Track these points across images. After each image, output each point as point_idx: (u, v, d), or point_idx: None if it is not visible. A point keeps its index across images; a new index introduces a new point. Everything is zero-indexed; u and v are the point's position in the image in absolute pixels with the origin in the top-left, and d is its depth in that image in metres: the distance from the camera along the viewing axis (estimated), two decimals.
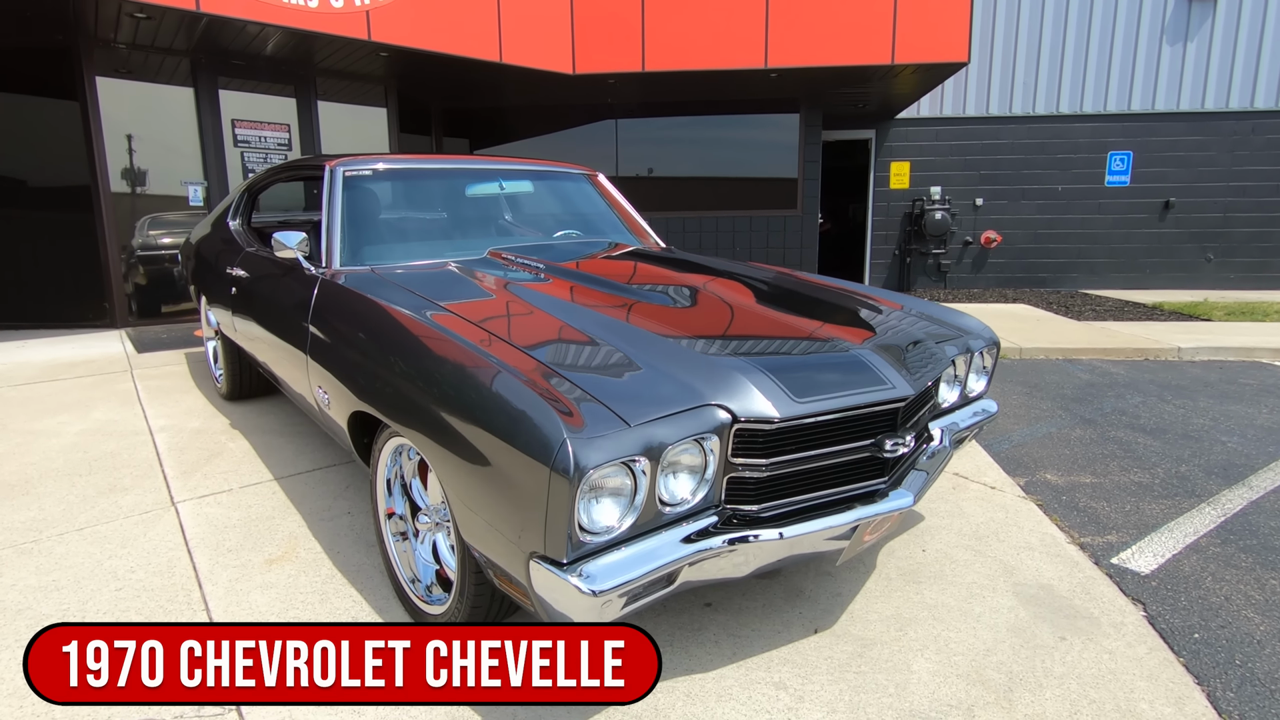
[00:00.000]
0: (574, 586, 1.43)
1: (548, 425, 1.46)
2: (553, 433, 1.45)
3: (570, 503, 1.42)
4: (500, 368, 1.68)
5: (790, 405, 1.71)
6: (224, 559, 2.55)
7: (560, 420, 1.47)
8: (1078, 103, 10.38)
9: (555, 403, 1.53)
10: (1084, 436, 4.06)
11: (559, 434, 1.44)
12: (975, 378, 2.64)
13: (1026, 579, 2.49)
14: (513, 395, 1.59)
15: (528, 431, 1.49)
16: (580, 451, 1.42)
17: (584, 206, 3.71)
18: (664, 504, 1.63)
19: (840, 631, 2.17)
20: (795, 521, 1.75)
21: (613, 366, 1.77)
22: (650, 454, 1.53)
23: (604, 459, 1.44)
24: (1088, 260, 10.77)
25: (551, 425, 1.46)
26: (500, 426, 1.55)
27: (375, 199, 3.03)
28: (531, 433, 1.48)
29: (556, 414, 1.48)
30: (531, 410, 1.52)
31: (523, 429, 1.50)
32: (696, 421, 1.63)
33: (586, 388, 1.63)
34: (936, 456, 2.22)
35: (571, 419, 1.49)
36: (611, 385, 1.67)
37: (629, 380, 1.71)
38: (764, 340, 1.99)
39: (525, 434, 1.49)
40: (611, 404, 1.58)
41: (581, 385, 1.64)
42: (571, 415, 1.50)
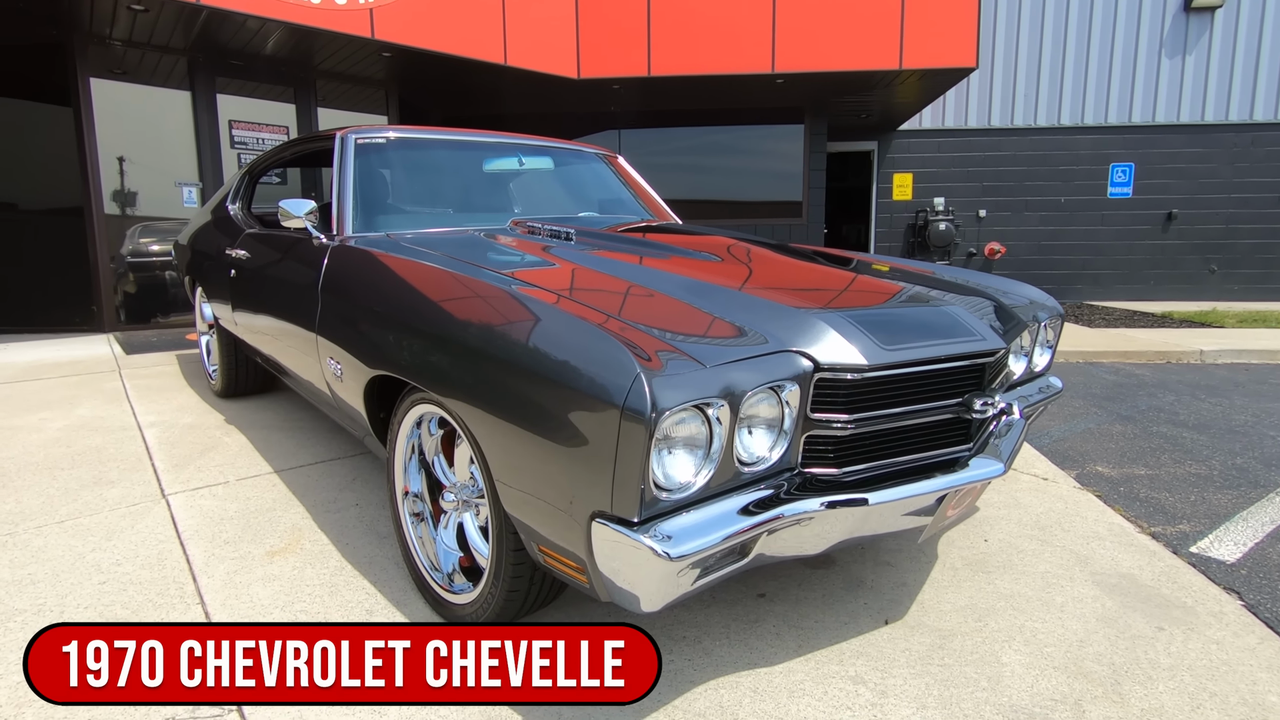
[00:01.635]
0: (649, 549, 1.21)
1: (618, 361, 1.26)
2: (625, 367, 1.24)
3: (645, 450, 1.20)
4: (552, 307, 1.47)
5: (878, 353, 1.51)
6: (221, 551, 2.31)
7: (633, 356, 1.26)
8: (1079, 114, 10.40)
9: (624, 340, 1.32)
10: (1126, 432, 3.88)
11: (631, 368, 1.23)
12: (1040, 351, 2.45)
13: (1103, 568, 2.28)
14: (572, 332, 1.38)
15: (593, 370, 1.28)
16: (657, 389, 1.21)
17: (605, 187, 3.53)
18: (741, 461, 1.42)
19: (913, 622, 1.95)
20: (885, 487, 1.54)
21: (676, 314, 1.57)
22: (729, 399, 1.32)
23: (681, 400, 1.24)
24: (1092, 272, 10.71)
25: (622, 361, 1.25)
26: (556, 368, 1.34)
27: (389, 167, 2.84)
28: (598, 371, 1.27)
29: (628, 349, 1.28)
30: (596, 346, 1.31)
31: (586, 368, 1.29)
32: (776, 367, 1.42)
33: (651, 331, 1.43)
34: (1013, 430, 2.02)
35: (648, 361, 1.28)
36: (679, 330, 1.46)
37: (697, 326, 1.51)
38: (838, 293, 1.79)
39: (590, 373, 1.28)
40: (682, 346, 1.38)
41: (645, 329, 1.43)
42: (648, 358, 1.29)
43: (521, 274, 1.83)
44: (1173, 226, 10.53)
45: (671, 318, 1.55)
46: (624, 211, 3.43)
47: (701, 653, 1.80)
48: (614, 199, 3.51)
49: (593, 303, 1.59)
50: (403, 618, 1.94)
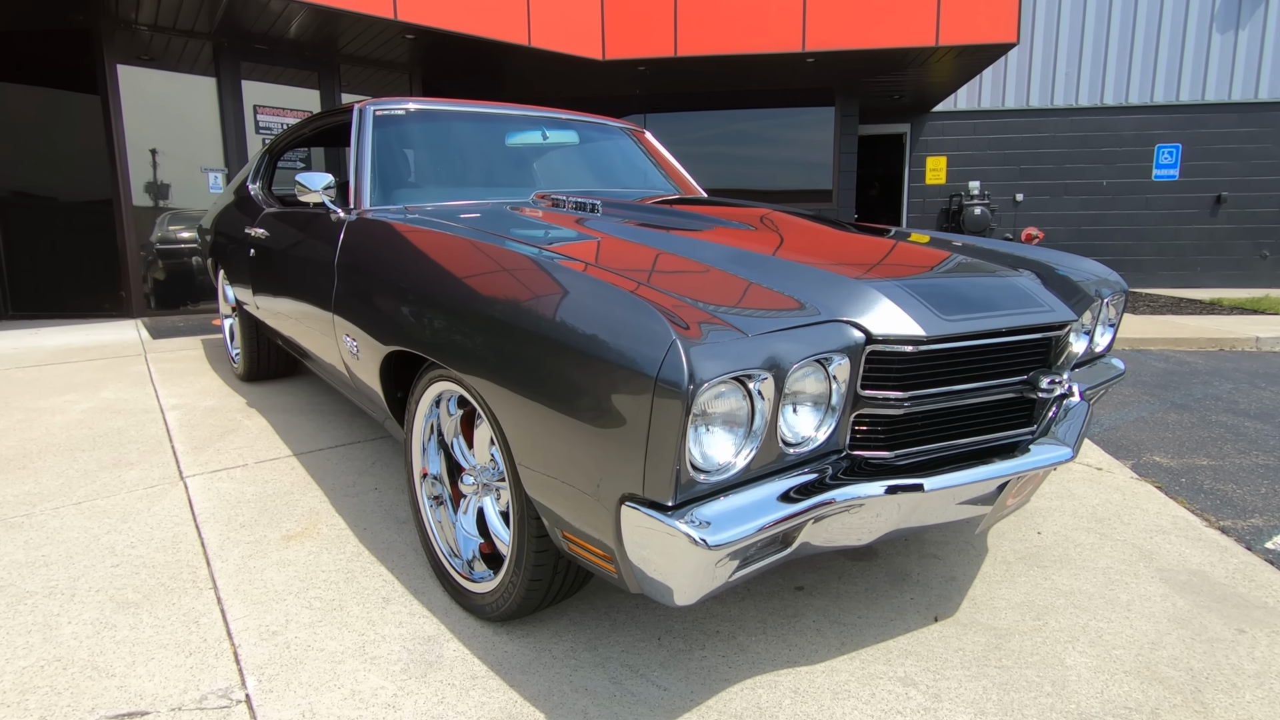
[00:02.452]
0: (685, 535, 1.09)
1: (651, 329, 1.13)
2: (659, 336, 1.11)
3: (681, 426, 1.08)
4: (579, 274, 1.35)
5: (938, 323, 1.37)
6: (236, 535, 2.24)
7: (669, 323, 1.13)
8: (1123, 94, 9.99)
9: (665, 310, 1.20)
10: (1182, 421, 3.66)
11: (666, 336, 1.10)
12: (1101, 330, 2.27)
13: (1170, 564, 2.11)
14: (600, 299, 1.26)
15: (624, 339, 1.16)
16: (695, 359, 1.08)
17: (632, 163, 3.40)
18: (785, 442, 1.29)
19: (966, 620, 1.80)
20: (940, 472, 1.40)
21: (713, 282, 1.44)
22: (773, 371, 1.19)
23: (721, 371, 1.11)
24: (1134, 258, 10.32)
25: (656, 329, 1.13)
26: (583, 339, 1.22)
27: (409, 139, 2.73)
28: (629, 340, 1.15)
29: (664, 316, 1.15)
30: (628, 313, 1.19)
31: (616, 337, 1.17)
32: (824, 338, 1.29)
33: (698, 300, 1.30)
34: (1077, 413, 1.85)
35: (685, 330, 1.15)
36: (716, 299, 1.33)
37: (737, 295, 1.38)
38: (893, 263, 1.64)
39: (620, 343, 1.16)
40: (722, 315, 1.25)
41: (693, 299, 1.31)
42: (686, 326, 1.16)
43: (546, 244, 1.71)
44: (1222, 210, 10.09)
45: (708, 286, 1.42)
46: (652, 187, 3.30)
47: (737, 649, 1.68)
48: (641, 175, 3.38)
49: (624, 271, 1.46)
50: (420, 606, 1.85)
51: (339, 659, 1.64)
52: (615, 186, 3.24)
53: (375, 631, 1.74)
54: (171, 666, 1.61)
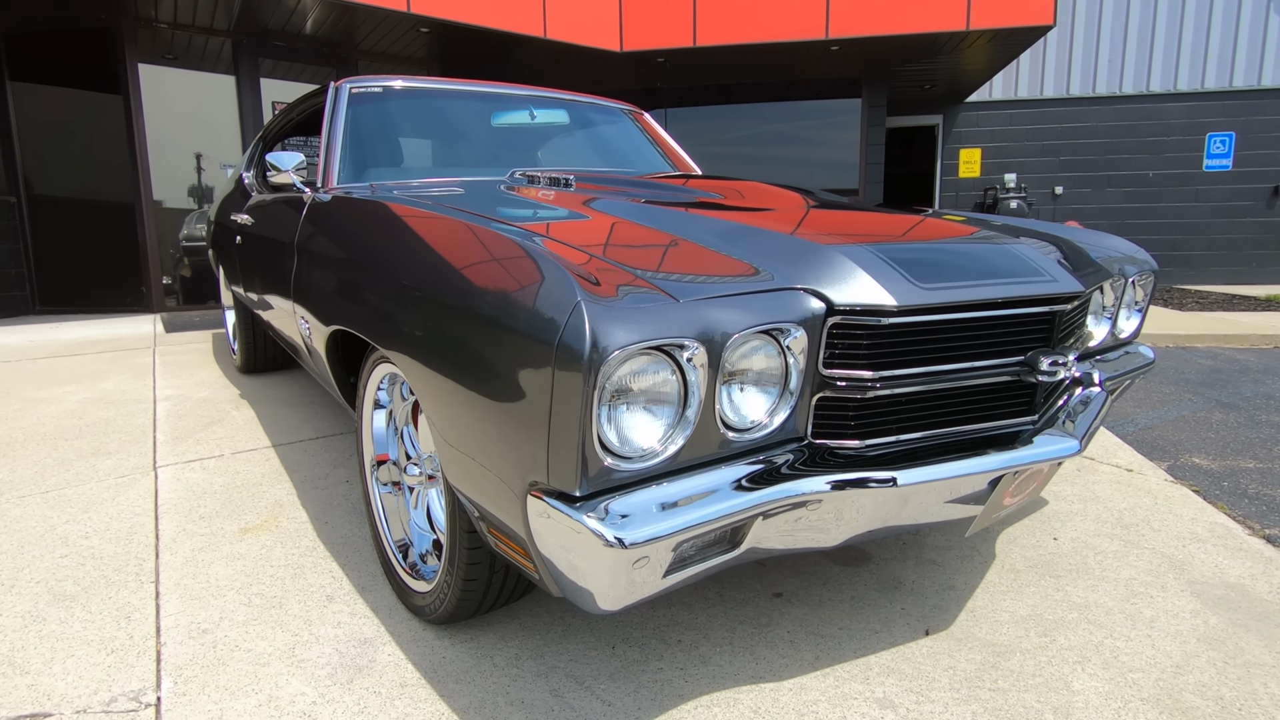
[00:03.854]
0: (591, 532, 0.93)
1: (555, 290, 0.98)
2: (561, 297, 0.96)
3: (586, 402, 0.92)
4: (500, 231, 1.20)
5: (912, 292, 1.18)
6: (193, 526, 2.14)
7: (575, 282, 0.98)
8: (1171, 80, 9.49)
9: (575, 268, 1.04)
10: (1228, 420, 3.36)
11: (569, 298, 0.95)
12: (1126, 314, 2.04)
13: (1204, 576, 1.87)
14: (509, 257, 1.11)
15: (527, 301, 1.01)
16: (600, 322, 0.92)
17: (628, 144, 3.24)
18: (728, 426, 1.12)
19: (961, 634, 1.61)
20: (916, 465, 1.21)
21: (669, 247, 1.28)
22: (707, 344, 1.02)
23: (635, 339, 0.95)
24: (1183, 253, 9.80)
25: (559, 290, 0.97)
26: (490, 303, 1.07)
27: (384, 119, 2.62)
28: (532, 302, 1.00)
29: (572, 275, 0.99)
30: (534, 273, 1.04)
31: (520, 300, 1.02)
32: (775, 307, 1.12)
33: (629, 264, 1.14)
34: (1093, 403, 1.64)
35: (596, 287, 0.99)
36: (660, 265, 1.17)
37: (686, 260, 1.21)
38: (876, 230, 1.46)
39: (523, 306, 1.01)
40: (659, 280, 1.09)
41: (623, 263, 1.15)
42: (597, 284, 1.01)
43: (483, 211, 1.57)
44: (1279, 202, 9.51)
45: (656, 251, 1.26)
46: (648, 167, 3.14)
47: (698, 661, 1.51)
48: (638, 155, 3.22)
49: (563, 234, 1.31)
50: (364, 605, 1.72)
51: (265, 661, 1.52)
52: (610, 166, 3.09)
53: (310, 632, 1.62)
54: (89, 665, 1.51)
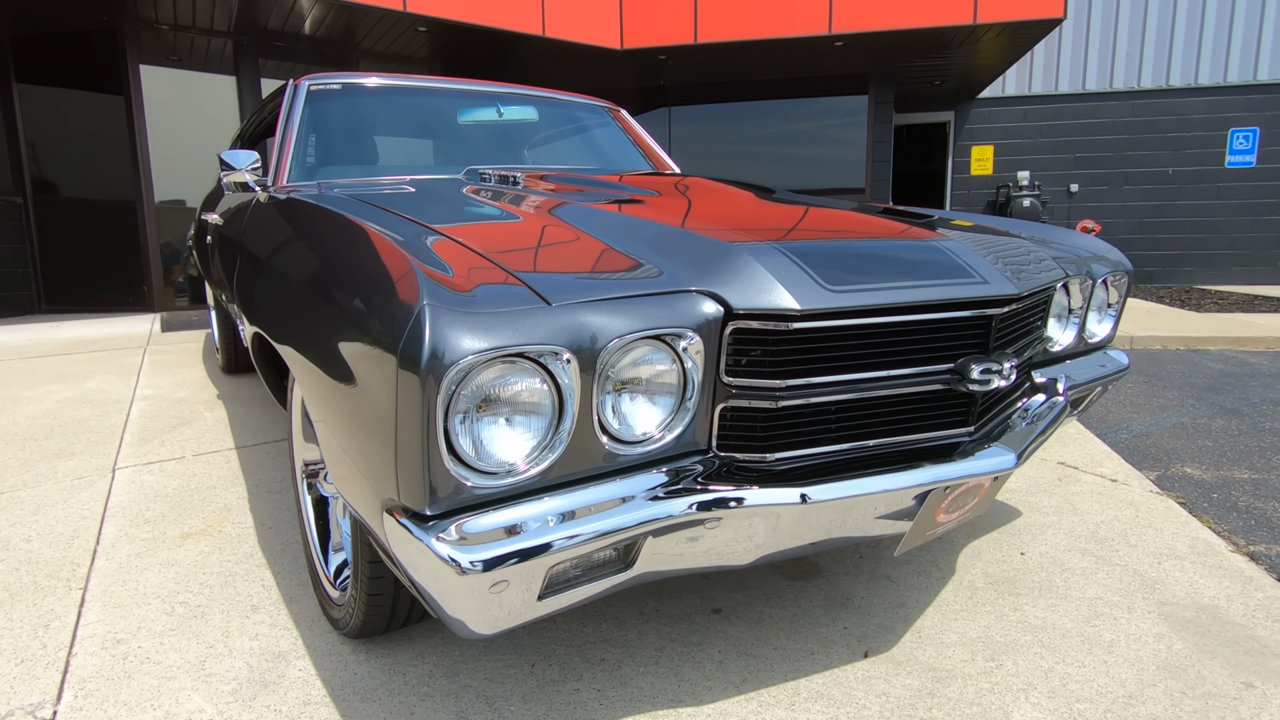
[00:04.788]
0: (434, 554, 0.86)
1: (406, 292, 0.91)
2: (408, 301, 0.89)
3: (426, 413, 0.86)
4: (374, 230, 1.14)
5: (819, 294, 1.10)
6: (136, 530, 2.11)
7: (427, 285, 0.91)
8: (1192, 74, 9.21)
9: (432, 266, 0.98)
10: (1229, 428, 3.21)
11: (414, 300, 0.88)
12: (1097, 317, 1.94)
13: (1176, 596, 1.76)
14: (377, 259, 1.04)
15: (379, 303, 0.94)
16: (446, 329, 0.85)
17: (604, 142, 3.18)
18: (614, 439, 1.05)
19: (902, 657, 1.52)
20: (825, 480, 1.13)
21: (569, 246, 1.21)
22: (580, 351, 0.95)
23: (487, 346, 0.88)
24: (1204, 252, 9.51)
25: (410, 292, 0.91)
26: (354, 303, 1.01)
27: (343, 117, 2.58)
28: (384, 305, 0.93)
29: (424, 278, 0.93)
30: (391, 273, 0.97)
31: (375, 302, 0.96)
32: (666, 311, 1.04)
33: (507, 264, 1.08)
34: (1047, 413, 1.54)
35: (457, 291, 0.93)
36: (557, 264, 1.10)
37: (586, 260, 1.14)
38: (799, 228, 1.37)
39: (377, 308, 0.94)
40: (535, 282, 1.01)
41: (502, 263, 1.08)
42: (461, 287, 0.94)
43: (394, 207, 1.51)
44: None
45: (556, 251, 1.19)
46: (622, 167, 3.07)
47: (618, 682, 1.44)
48: (612, 153, 3.15)
49: (455, 231, 1.24)
50: (286, 616, 1.67)
51: (171, 675, 1.47)
52: (580, 165, 3.03)
53: (225, 644, 1.57)
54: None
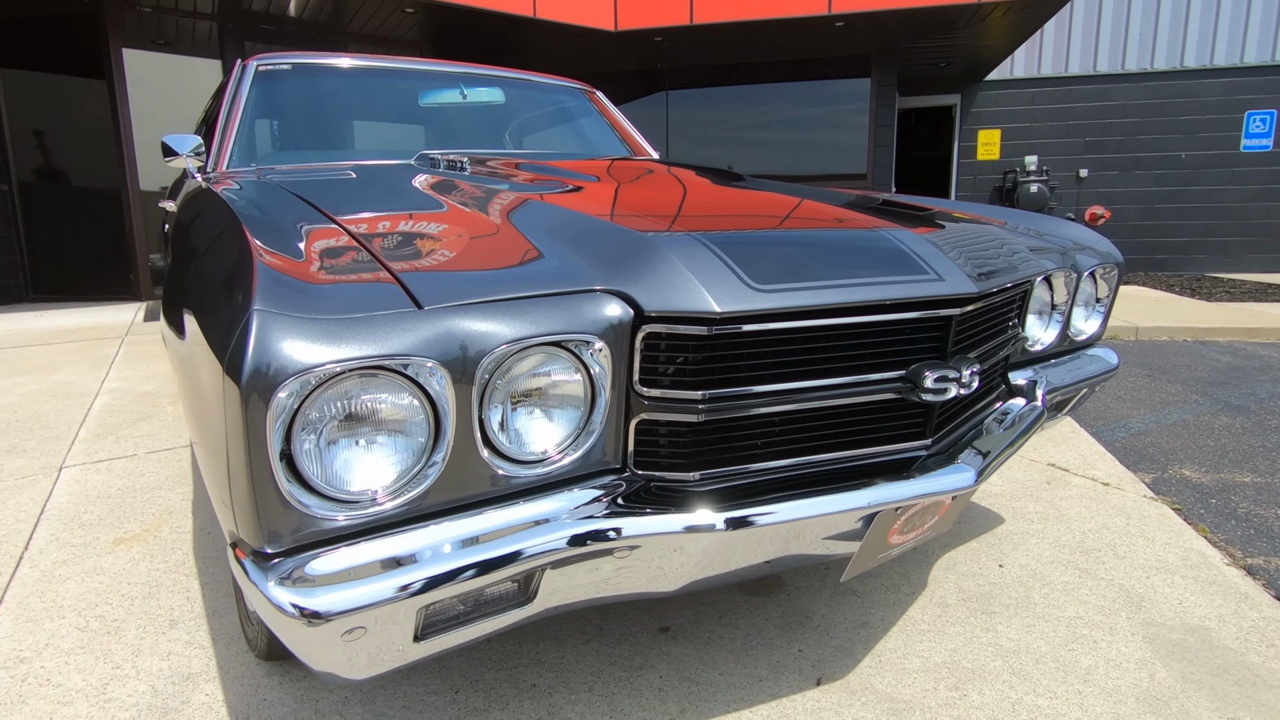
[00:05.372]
0: (266, 599, 0.74)
1: (240, 293, 0.79)
2: (240, 304, 0.77)
3: (250, 436, 0.73)
4: (247, 224, 1.02)
5: (743, 294, 0.97)
6: (68, 535, 2.01)
7: (265, 284, 0.79)
8: (1207, 55, 8.91)
9: (294, 264, 0.85)
10: (1233, 426, 3.06)
11: (245, 306, 0.76)
12: (1084, 313, 1.79)
13: (1164, 615, 1.63)
14: (229, 254, 0.92)
15: (219, 307, 0.82)
16: (273, 339, 0.73)
17: (575, 126, 3.03)
18: (507, 459, 0.92)
19: (858, 685, 1.39)
20: (754, 501, 1.00)
21: (466, 239, 1.08)
22: (453, 362, 0.83)
23: (335, 358, 0.75)
24: (1217, 239, 9.26)
25: (244, 293, 0.78)
26: (200, 307, 0.89)
27: (292, 99, 2.45)
28: (221, 308, 0.81)
29: (264, 275, 0.81)
30: (234, 272, 0.85)
31: (216, 304, 0.83)
32: (564, 314, 0.91)
33: (395, 260, 0.95)
34: (1020, 421, 1.41)
35: (307, 284, 0.80)
36: (443, 260, 0.98)
37: (480, 255, 1.01)
38: (738, 216, 1.24)
39: (216, 312, 0.82)
40: (415, 281, 0.89)
41: (387, 259, 0.96)
42: (311, 282, 0.82)
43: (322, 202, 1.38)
44: None
45: (457, 246, 1.06)
46: (594, 151, 2.92)
47: (546, 712, 1.33)
48: (587, 139, 3.01)
49: (350, 223, 1.11)
50: (205, 633, 1.57)
51: (69, 700, 1.37)
52: (550, 150, 2.89)
53: (134, 664, 1.47)
54: None
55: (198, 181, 2.16)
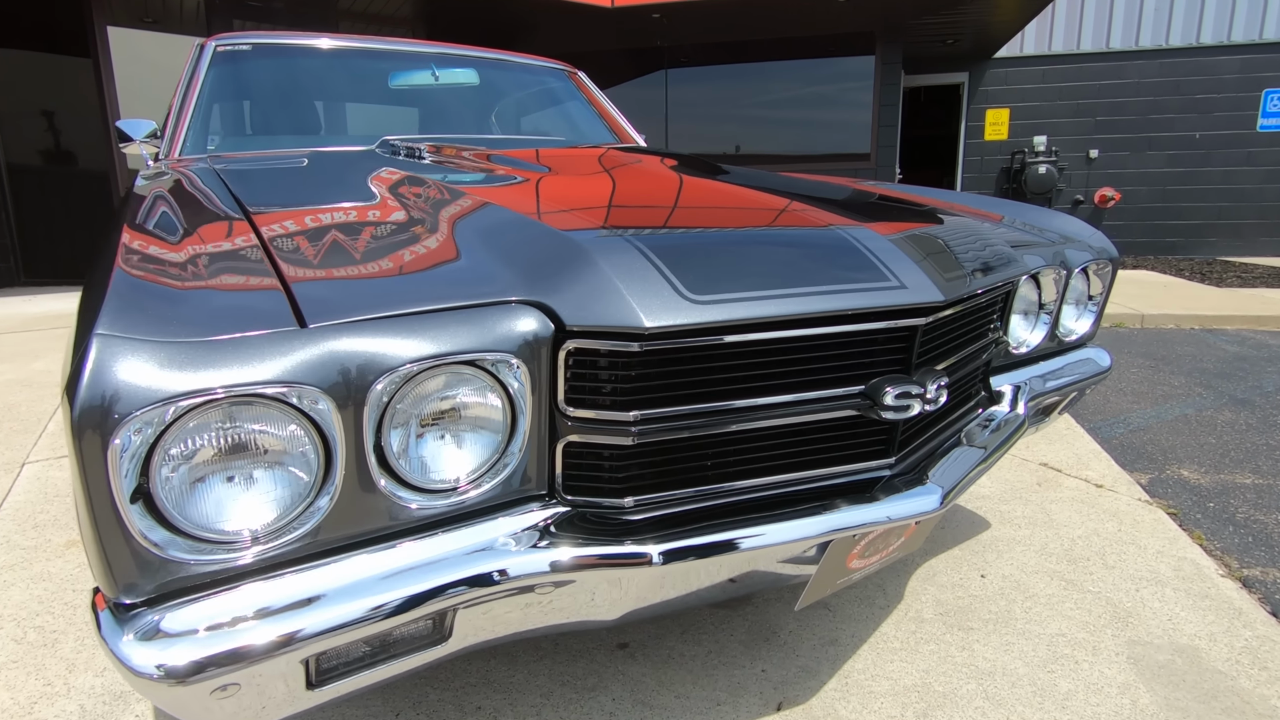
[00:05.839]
0: (118, 660, 0.66)
1: (91, 312, 0.70)
2: (85, 326, 0.68)
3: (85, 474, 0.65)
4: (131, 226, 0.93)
5: (676, 306, 0.88)
6: (19, 537, 1.95)
7: (117, 300, 0.70)
8: (1224, 30, 8.63)
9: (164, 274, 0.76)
10: (1236, 421, 2.95)
11: (89, 328, 0.67)
12: (1074, 311, 1.69)
13: (1151, 634, 1.54)
14: (104, 265, 0.83)
15: (79, 327, 0.73)
16: (117, 368, 0.65)
17: (555, 108, 2.92)
18: (411, 487, 0.84)
19: (820, 711, 1.32)
20: (692, 530, 0.92)
21: (384, 241, 0.99)
22: (339, 389, 0.74)
23: (189, 388, 0.67)
24: (1231, 221, 9.04)
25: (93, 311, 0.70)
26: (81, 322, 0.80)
27: (253, 82, 2.34)
28: (78, 330, 0.72)
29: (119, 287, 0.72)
30: (97, 286, 0.76)
31: (79, 324, 0.75)
32: (473, 330, 0.82)
33: (293, 268, 0.86)
34: (1000, 430, 1.32)
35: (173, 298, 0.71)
36: (347, 267, 0.89)
37: (385, 261, 0.92)
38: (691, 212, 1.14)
39: (78, 332, 0.73)
40: (307, 293, 0.80)
41: (285, 267, 0.87)
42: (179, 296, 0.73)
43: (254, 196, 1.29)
44: None
45: (370, 250, 0.97)
46: (571, 134, 2.81)
47: None
48: (566, 122, 2.90)
49: (265, 228, 1.02)
50: None
51: None
52: (529, 133, 2.78)
53: (66, 681, 1.41)
54: None
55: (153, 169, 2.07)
